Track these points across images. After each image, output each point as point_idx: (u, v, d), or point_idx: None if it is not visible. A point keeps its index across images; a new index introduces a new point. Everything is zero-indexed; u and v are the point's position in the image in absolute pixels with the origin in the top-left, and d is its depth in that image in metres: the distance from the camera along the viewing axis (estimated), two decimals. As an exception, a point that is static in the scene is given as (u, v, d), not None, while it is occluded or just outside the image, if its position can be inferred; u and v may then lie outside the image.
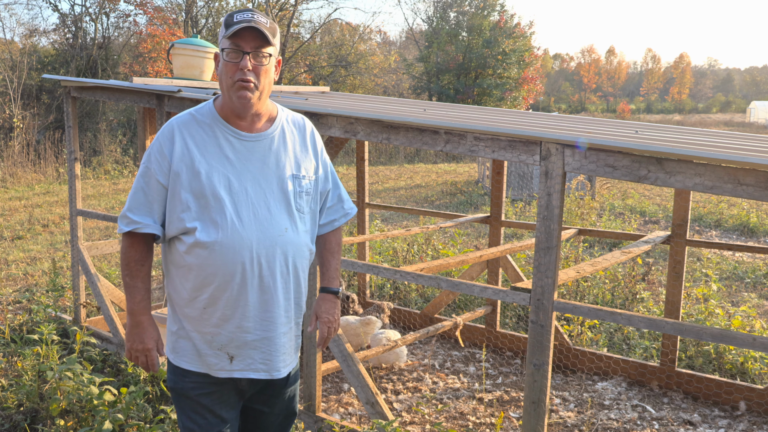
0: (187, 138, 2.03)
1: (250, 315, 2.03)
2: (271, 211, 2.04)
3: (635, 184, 15.40)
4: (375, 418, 3.45)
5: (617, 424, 3.95)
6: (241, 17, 1.97)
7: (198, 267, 2.00)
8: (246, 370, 2.08)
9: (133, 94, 4.60)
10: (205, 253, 1.98)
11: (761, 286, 7.25)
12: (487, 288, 3.12)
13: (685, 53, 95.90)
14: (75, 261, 5.21)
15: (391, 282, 6.60)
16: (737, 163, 2.33)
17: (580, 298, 6.12)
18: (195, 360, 2.07)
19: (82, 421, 3.44)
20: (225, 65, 2.00)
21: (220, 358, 2.06)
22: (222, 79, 2.02)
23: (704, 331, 2.61)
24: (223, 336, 2.04)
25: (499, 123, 3.32)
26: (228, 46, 1.98)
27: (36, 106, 19.37)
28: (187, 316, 2.06)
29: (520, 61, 26.95)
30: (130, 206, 2.05)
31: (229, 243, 1.98)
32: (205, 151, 2.02)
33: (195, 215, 1.99)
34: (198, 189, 1.99)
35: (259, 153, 2.06)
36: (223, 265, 1.98)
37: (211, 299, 2.01)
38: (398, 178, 17.31)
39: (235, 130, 2.05)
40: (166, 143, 2.03)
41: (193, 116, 2.08)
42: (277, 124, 2.12)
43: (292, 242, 2.07)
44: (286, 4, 25.71)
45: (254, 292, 2.02)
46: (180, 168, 2.00)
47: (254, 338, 2.06)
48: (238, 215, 1.99)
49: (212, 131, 2.04)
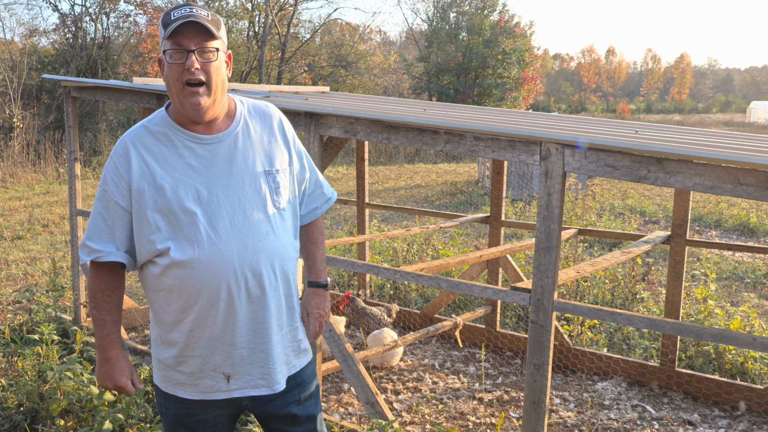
0: (144, 152, 1.86)
1: (242, 330, 1.90)
2: (248, 216, 1.88)
3: (635, 184, 15.40)
4: (375, 418, 3.45)
5: (617, 424, 3.95)
6: (179, 14, 1.79)
7: (179, 288, 1.85)
8: (245, 388, 1.96)
9: (133, 94, 4.60)
10: (184, 273, 1.83)
11: (761, 286, 7.25)
12: (487, 288, 3.12)
13: (685, 53, 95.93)
14: (75, 261, 5.21)
15: (391, 282, 6.60)
16: (737, 163, 2.33)
17: (580, 298, 6.12)
18: (187, 387, 1.95)
19: (82, 421, 3.44)
20: (170, 68, 1.81)
21: (216, 379, 1.94)
22: (169, 83, 1.83)
23: (704, 331, 2.61)
24: (216, 356, 1.91)
25: (499, 123, 3.32)
26: (170, 47, 1.80)
27: (36, 106, 19.38)
28: (174, 342, 1.92)
29: (520, 61, 26.97)
30: (89, 234, 1.89)
31: (208, 258, 1.83)
32: (166, 163, 1.85)
33: (166, 234, 1.84)
34: (165, 206, 1.83)
35: (223, 155, 1.89)
36: (205, 282, 1.83)
37: (197, 320, 1.87)
38: (398, 178, 17.31)
39: (193, 134, 1.88)
40: (122, 162, 1.86)
41: (146, 128, 1.90)
42: (238, 119, 1.95)
43: (275, 245, 1.92)
44: (285, 4, 25.72)
45: (243, 306, 1.88)
46: (141, 187, 1.83)
47: (249, 353, 1.93)
48: (213, 227, 1.84)
49: (169, 140, 1.87)
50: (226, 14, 24.75)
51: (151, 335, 2.03)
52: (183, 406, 1.99)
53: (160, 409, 2.06)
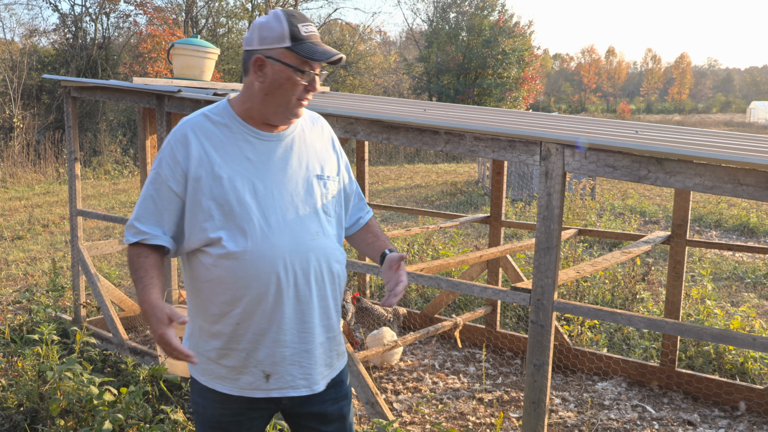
0: (204, 140, 1.87)
1: (287, 328, 1.89)
2: (299, 215, 1.90)
3: (635, 184, 15.40)
4: (375, 418, 3.45)
5: (617, 424, 3.95)
6: (308, 32, 1.84)
7: (228, 280, 1.84)
8: (285, 388, 1.94)
9: (133, 94, 4.60)
10: (235, 264, 1.83)
11: (761, 286, 7.25)
12: (487, 288, 3.12)
13: (685, 53, 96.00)
14: (75, 261, 5.21)
15: (391, 282, 6.59)
16: (737, 163, 2.33)
17: (580, 298, 6.12)
18: (227, 381, 1.93)
19: (82, 421, 3.44)
20: (292, 83, 1.85)
21: (256, 376, 1.91)
22: (276, 92, 1.86)
23: (704, 331, 2.61)
24: (260, 352, 1.89)
25: (499, 123, 3.32)
26: (298, 65, 1.84)
27: (36, 106, 19.38)
28: (218, 334, 1.90)
29: (520, 61, 26.98)
30: (138, 215, 1.88)
31: (260, 251, 1.83)
32: (225, 153, 1.87)
33: (219, 224, 1.83)
34: (221, 195, 1.83)
35: (280, 154, 1.92)
36: (256, 275, 1.83)
37: (244, 313, 1.86)
38: (398, 178, 17.31)
39: (255, 129, 1.91)
40: (180, 147, 1.87)
41: (208, 117, 1.92)
42: (296, 122, 1.99)
43: (324, 246, 1.93)
44: (285, 4, 25.71)
45: (290, 303, 1.88)
46: (199, 174, 1.84)
47: (292, 352, 1.92)
48: (266, 221, 1.85)
49: (230, 132, 1.90)
50: (226, 14, 24.76)
51: (190, 327, 1.98)
52: (222, 405, 1.96)
53: (196, 408, 2.02)
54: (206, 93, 4.12)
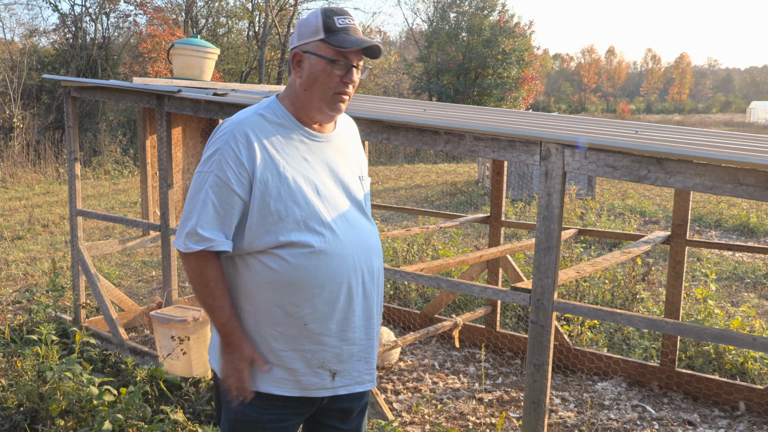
0: (265, 141, 1.83)
1: (356, 325, 1.91)
2: (357, 214, 1.95)
3: (635, 184, 15.40)
4: (375, 418, 3.45)
5: (617, 424, 3.95)
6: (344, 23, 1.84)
7: (300, 280, 1.81)
8: (351, 385, 1.94)
9: (133, 94, 4.60)
10: (308, 264, 1.81)
11: (761, 286, 7.25)
12: (487, 288, 3.12)
13: (685, 53, 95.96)
14: (75, 261, 5.21)
15: (391, 282, 6.60)
16: (737, 163, 2.33)
17: (580, 298, 6.12)
18: (286, 384, 1.88)
19: (82, 421, 3.44)
20: (328, 75, 1.84)
21: (321, 376, 1.89)
22: (316, 85, 1.85)
23: (704, 331, 2.61)
24: (327, 352, 1.87)
25: (499, 123, 3.32)
26: (333, 57, 1.83)
27: (36, 106, 19.38)
28: (280, 336, 1.85)
29: (520, 61, 26.98)
30: (200, 221, 1.80)
31: (331, 251, 1.84)
32: (286, 154, 1.85)
33: (290, 226, 1.81)
34: (289, 197, 1.81)
35: (329, 154, 1.94)
36: (329, 275, 1.83)
37: (316, 313, 1.84)
38: (398, 178, 17.30)
39: (307, 130, 1.92)
40: (242, 149, 1.80)
41: (264, 117, 1.88)
42: (339, 124, 2.03)
43: (377, 244, 2.00)
44: (285, 4, 25.71)
45: (359, 301, 1.90)
46: (266, 176, 1.80)
47: (359, 349, 1.93)
48: (334, 221, 1.86)
49: (286, 132, 1.88)
50: (226, 14, 24.76)
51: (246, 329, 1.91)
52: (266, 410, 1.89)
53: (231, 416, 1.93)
54: (206, 93, 4.12)
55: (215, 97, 3.92)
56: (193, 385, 4.15)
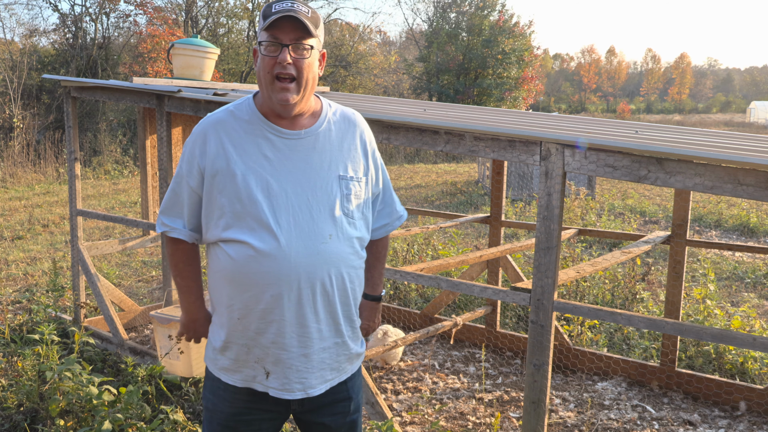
0: (223, 137, 1.87)
1: (287, 331, 1.86)
2: (313, 217, 1.85)
3: (635, 184, 15.40)
4: (374, 418, 3.45)
5: (617, 424, 3.95)
6: (280, 7, 1.80)
7: (233, 275, 1.85)
8: (281, 390, 1.93)
9: (133, 94, 4.60)
10: (241, 260, 1.83)
11: (761, 286, 7.25)
12: (487, 288, 3.12)
13: (685, 53, 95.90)
14: (75, 261, 5.21)
15: (391, 282, 6.60)
16: (737, 163, 2.33)
17: (580, 298, 6.12)
18: (230, 373, 1.95)
19: (82, 421, 3.44)
20: (263, 59, 1.83)
21: (257, 371, 1.92)
22: (260, 75, 1.85)
23: (704, 331, 2.61)
24: (259, 350, 1.89)
25: (499, 123, 3.32)
26: (266, 39, 1.81)
27: (36, 106, 19.38)
28: (222, 325, 1.93)
29: (520, 61, 26.98)
30: (163, 208, 2.00)
31: (265, 251, 1.81)
32: (242, 150, 1.86)
33: (231, 221, 1.84)
34: (234, 192, 1.83)
35: (301, 152, 1.89)
36: (258, 274, 1.82)
37: (244, 309, 1.86)
38: (398, 178, 17.30)
39: (276, 127, 1.89)
40: (198, 144, 1.89)
41: (231, 113, 1.91)
42: (322, 120, 1.95)
43: (336, 251, 1.88)
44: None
45: (291, 307, 1.84)
46: (215, 170, 1.85)
47: (289, 356, 1.89)
48: (276, 221, 1.82)
49: (251, 129, 1.88)
50: (226, 14, 24.76)
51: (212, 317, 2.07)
52: (231, 403, 1.96)
53: (206, 404, 2.03)
54: (206, 93, 4.12)
55: (215, 97, 3.92)
56: (193, 385, 4.15)
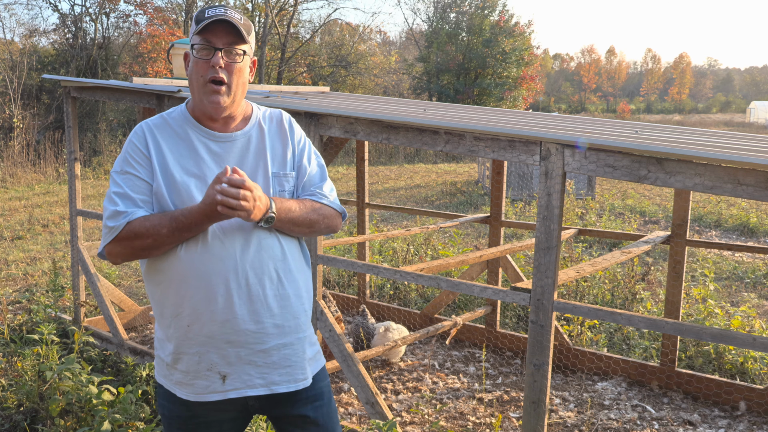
0: (160, 141, 1.89)
1: (240, 329, 1.86)
2: None
3: (635, 184, 15.40)
4: (375, 418, 3.45)
5: (617, 424, 3.95)
6: (213, 12, 1.83)
7: (178, 280, 1.84)
8: (243, 388, 1.90)
9: (133, 94, 4.60)
10: (185, 264, 1.83)
11: (761, 286, 7.25)
12: (487, 288, 3.12)
13: (685, 53, 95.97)
14: (75, 261, 5.21)
15: (391, 282, 6.60)
16: (737, 163, 2.33)
17: (580, 298, 6.12)
18: (184, 386, 1.92)
19: (82, 421, 3.44)
20: (195, 62, 1.86)
21: (211, 379, 1.88)
22: (192, 78, 1.88)
23: (704, 331, 2.61)
24: (212, 354, 1.87)
25: (499, 123, 3.32)
26: (198, 42, 1.84)
27: (36, 106, 19.38)
28: (172, 336, 1.89)
29: (520, 61, 26.98)
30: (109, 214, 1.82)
31: (209, 252, 1.82)
32: (179, 154, 1.89)
33: None
34: (175, 194, 1.85)
35: (236, 153, 1.92)
36: (205, 275, 1.82)
37: (194, 314, 1.84)
38: (398, 178, 17.30)
39: (209, 131, 1.92)
40: (142, 143, 1.89)
41: (164, 119, 1.94)
42: (253, 121, 1.99)
43: (278, 246, 1.91)
44: (286, 4, 25.72)
45: (243, 304, 1.85)
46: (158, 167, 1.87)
47: (248, 353, 1.89)
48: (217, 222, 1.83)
49: (185, 133, 1.91)
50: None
51: (155, 333, 2.00)
52: (186, 408, 1.95)
53: (162, 411, 2.02)
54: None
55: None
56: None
